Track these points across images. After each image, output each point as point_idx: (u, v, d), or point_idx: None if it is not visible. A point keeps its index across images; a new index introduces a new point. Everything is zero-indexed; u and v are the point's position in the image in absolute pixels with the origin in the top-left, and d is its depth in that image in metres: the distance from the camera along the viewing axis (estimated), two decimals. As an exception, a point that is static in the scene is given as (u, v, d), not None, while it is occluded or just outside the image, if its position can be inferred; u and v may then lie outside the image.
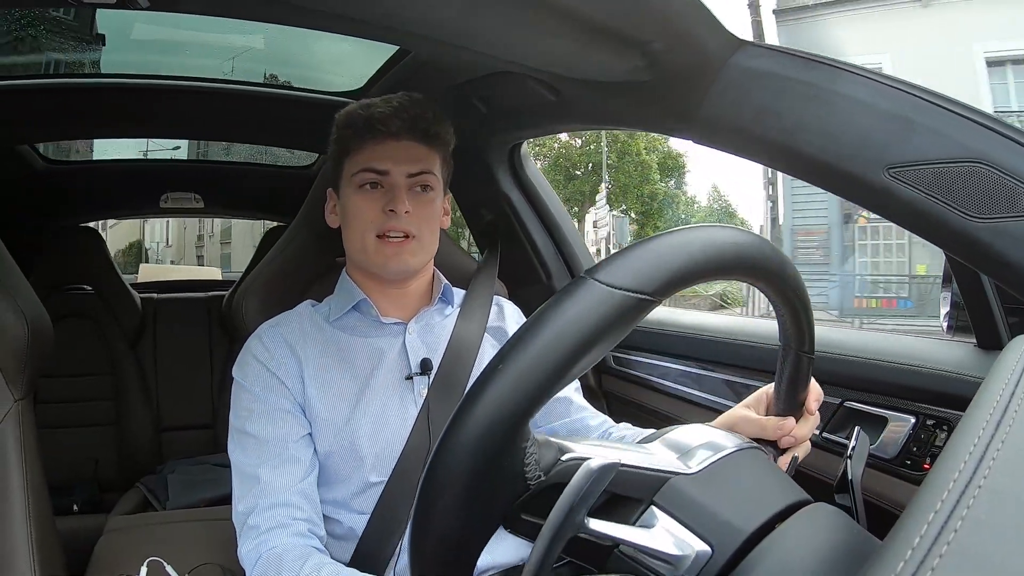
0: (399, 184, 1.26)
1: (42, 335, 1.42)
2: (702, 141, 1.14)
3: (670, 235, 0.63)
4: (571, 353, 0.57)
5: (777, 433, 0.96)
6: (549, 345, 0.57)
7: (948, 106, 0.89)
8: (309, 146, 2.58)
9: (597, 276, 0.58)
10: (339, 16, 1.13)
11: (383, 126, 1.26)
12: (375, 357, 1.29)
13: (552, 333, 0.57)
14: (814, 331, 0.83)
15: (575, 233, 2.09)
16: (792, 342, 0.83)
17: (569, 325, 0.57)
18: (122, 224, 18.54)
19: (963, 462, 0.45)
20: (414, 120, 1.27)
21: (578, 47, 1.11)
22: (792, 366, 0.87)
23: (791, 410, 0.95)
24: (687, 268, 0.61)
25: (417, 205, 1.27)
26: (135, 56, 2.03)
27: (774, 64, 1.00)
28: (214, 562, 1.62)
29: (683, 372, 1.72)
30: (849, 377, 1.31)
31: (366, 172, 1.26)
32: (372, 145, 1.27)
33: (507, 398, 0.56)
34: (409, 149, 1.27)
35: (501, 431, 0.56)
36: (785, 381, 0.90)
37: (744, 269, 0.69)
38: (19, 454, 1.37)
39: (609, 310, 0.57)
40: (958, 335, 1.28)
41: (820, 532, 0.62)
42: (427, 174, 1.29)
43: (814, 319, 0.82)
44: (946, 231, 0.88)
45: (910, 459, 1.21)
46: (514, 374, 0.56)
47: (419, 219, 1.27)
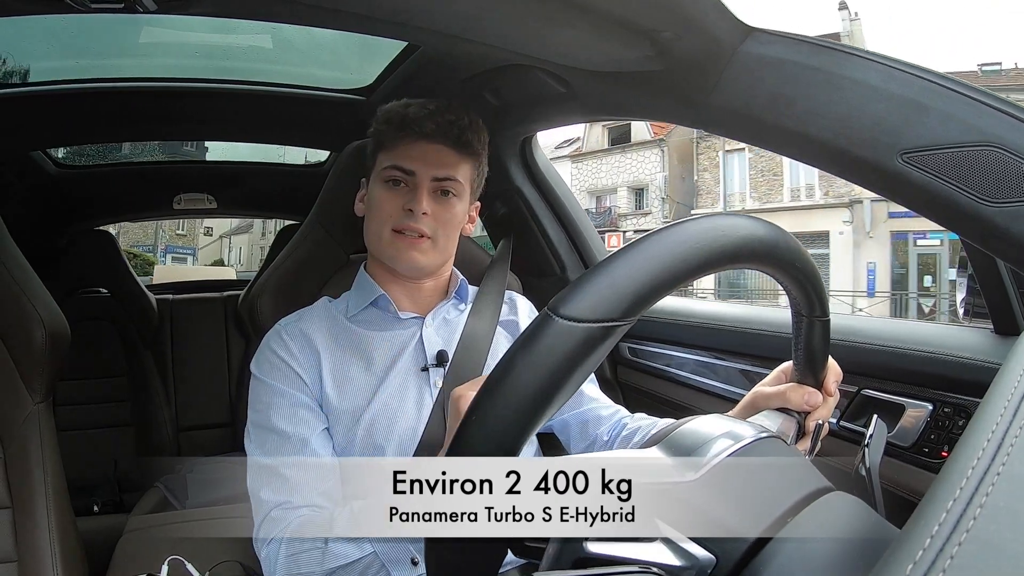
0: (423, 185, 1.28)
1: (59, 338, 1.43)
2: (714, 129, 1.14)
3: (629, 251, 0.61)
4: (543, 395, 0.57)
5: (800, 399, 0.94)
6: (520, 392, 0.57)
7: (961, 90, 0.88)
8: (321, 144, 2.58)
9: (560, 311, 0.57)
10: (348, 14, 1.13)
11: (417, 126, 1.28)
12: (393, 350, 1.31)
13: (522, 380, 0.57)
14: (823, 292, 0.80)
15: (588, 225, 2.09)
16: (802, 308, 0.82)
17: (536, 369, 0.56)
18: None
19: (981, 449, 0.44)
20: (448, 125, 1.29)
21: (588, 38, 1.10)
22: (805, 332, 0.85)
23: (810, 377, 0.94)
24: (652, 284, 0.60)
25: (437, 208, 1.29)
26: (144, 60, 2.03)
27: (785, 50, 1.00)
28: (234, 560, 1.63)
29: (698, 361, 1.72)
30: (866, 365, 1.30)
31: (393, 169, 1.29)
32: (404, 144, 1.30)
33: (484, 448, 0.57)
34: (439, 152, 1.30)
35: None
36: (802, 348, 0.88)
37: (717, 263, 0.65)
38: (39, 456, 1.39)
39: (576, 345, 0.57)
40: (975, 321, 1.27)
41: (838, 521, 0.62)
42: (452, 180, 1.31)
43: (821, 280, 0.80)
44: (961, 216, 0.87)
45: (928, 447, 1.20)
46: (491, 423, 0.57)
47: (437, 221, 1.30)
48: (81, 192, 2.88)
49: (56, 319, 1.45)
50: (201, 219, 25.71)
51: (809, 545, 0.58)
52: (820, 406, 0.95)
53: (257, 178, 2.98)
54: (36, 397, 1.40)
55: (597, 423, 1.35)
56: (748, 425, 0.73)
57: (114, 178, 2.95)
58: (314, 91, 2.12)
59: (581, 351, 0.57)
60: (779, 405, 0.96)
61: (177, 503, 2.42)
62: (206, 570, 1.50)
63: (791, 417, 0.95)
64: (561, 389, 0.57)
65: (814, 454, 0.94)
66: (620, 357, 1.95)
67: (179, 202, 3.02)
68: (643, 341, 1.88)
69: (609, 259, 0.60)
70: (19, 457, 1.37)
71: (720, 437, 0.68)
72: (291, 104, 2.12)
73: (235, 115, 2.19)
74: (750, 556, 0.58)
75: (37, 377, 1.40)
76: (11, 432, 1.37)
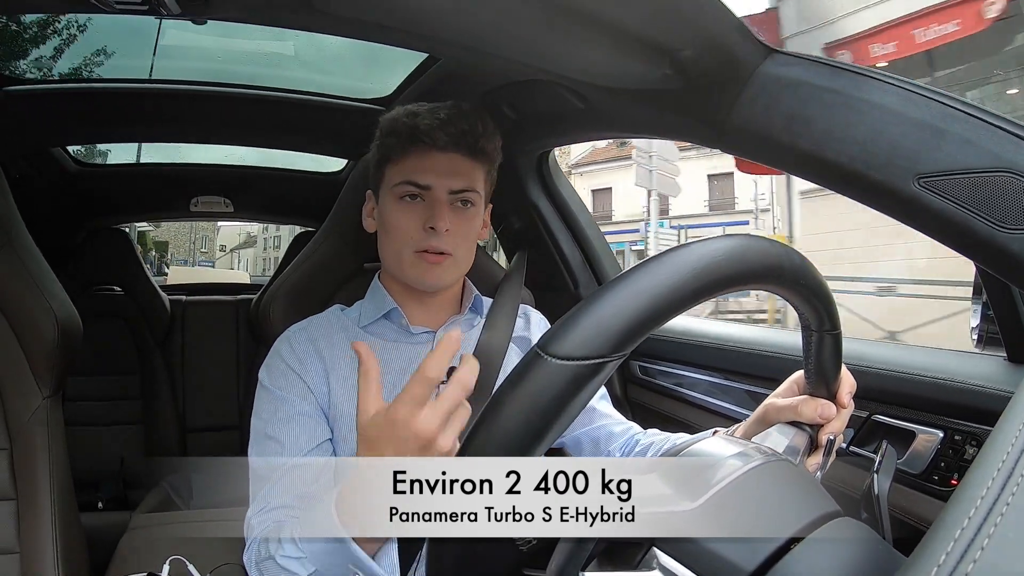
0: (441, 199, 1.24)
1: (71, 334, 1.44)
2: (731, 150, 1.13)
3: (618, 284, 0.60)
4: (534, 434, 0.57)
5: (812, 413, 0.93)
6: (510, 433, 0.57)
7: (979, 115, 0.87)
8: (338, 152, 2.60)
9: (549, 350, 0.57)
10: (369, 23, 1.14)
11: (428, 138, 1.23)
12: (403, 364, 1.29)
13: (512, 422, 0.57)
14: (832, 306, 0.79)
15: (603, 241, 2.09)
16: (811, 323, 0.81)
17: (525, 410, 0.56)
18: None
19: (991, 478, 0.44)
20: (462, 134, 1.24)
21: (608, 55, 1.11)
22: (815, 347, 0.84)
23: (823, 390, 0.93)
24: (641, 318, 0.58)
25: (458, 221, 1.25)
26: (165, 61, 2.05)
27: (804, 72, 1.00)
28: (236, 562, 1.63)
29: (708, 382, 1.71)
30: (877, 390, 1.29)
31: (408, 185, 1.24)
32: (415, 156, 1.25)
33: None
34: (454, 163, 1.25)
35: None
36: (813, 362, 0.88)
37: (713, 289, 0.63)
38: (46, 450, 1.40)
39: (566, 384, 0.56)
40: (988, 348, 1.26)
41: (844, 547, 0.61)
42: (470, 191, 1.26)
43: (829, 293, 0.78)
44: (977, 242, 0.87)
45: (937, 474, 1.19)
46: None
47: (458, 236, 1.25)
48: (99, 190, 2.90)
49: (69, 314, 1.46)
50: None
51: (814, 571, 0.58)
52: (833, 419, 0.94)
53: (274, 183, 3.00)
54: (46, 391, 1.41)
55: (609, 440, 1.34)
56: (754, 448, 0.72)
57: (132, 178, 2.98)
58: (333, 99, 2.13)
59: (571, 389, 0.56)
60: (791, 419, 0.95)
61: (181, 502, 2.43)
62: (207, 571, 1.50)
63: (803, 431, 0.94)
64: (551, 428, 0.57)
65: (827, 469, 0.93)
66: (630, 375, 1.95)
67: (196, 204, 3.05)
68: (653, 360, 1.88)
69: (598, 292, 0.59)
70: (26, 449, 1.38)
71: (705, 474, 0.66)
72: (310, 111, 2.13)
73: (253, 120, 2.20)
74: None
75: (48, 371, 1.41)
76: (19, 424, 1.38)
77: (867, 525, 0.66)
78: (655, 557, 0.60)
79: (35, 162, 2.53)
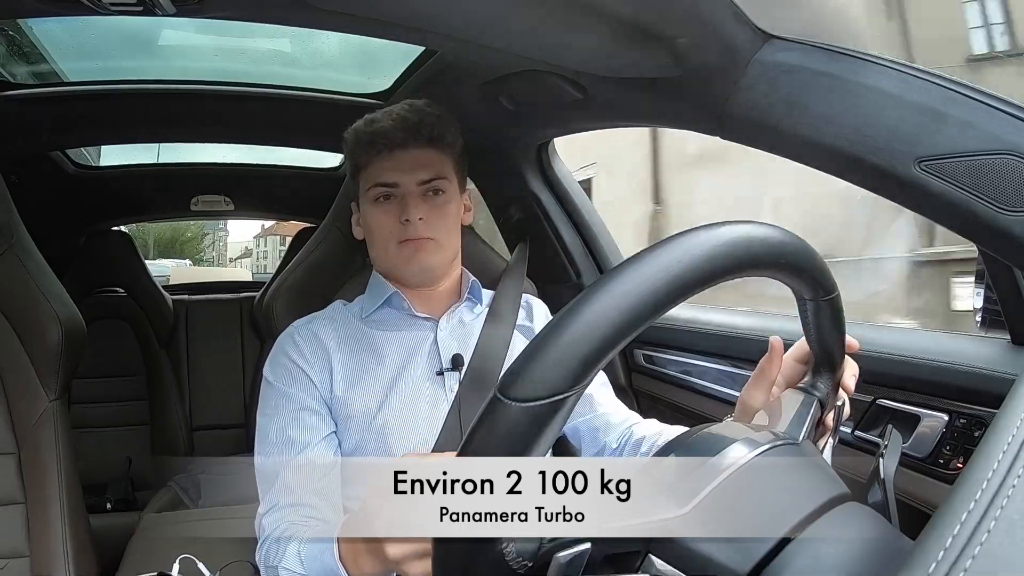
0: (412, 192, 1.27)
1: (75, 337, 1.45)
2: (730, 137, 1.13)
3: (572, 312, 0.56)
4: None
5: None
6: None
7: (979, 97, 0.87)
8: (338, 148, 2.59)
9: (508, 394, 0.55)
10: (365, 18, 1.14)
11: (387, 139, 1.27)
12: (407, 351, 1.30)
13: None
14: (823, 270, 0.73)
15: (604, 231, 2.08)
16: (803, 293, 0.77)
17: (494, 455, 0.56)
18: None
19: (996, 461, 0.44)
20: (417, 128, 1.28)
21: (606, 44, 1.10)
22: (813, 316, 0.80)
23: (827, 366, 0.87)
24: (600, 344, 0.56)
25: (431, 210, 1.28)
26: (162, 62, 2.05)
27: (802, 58, 0.99)
28: (245, 560, 1.63)
29: (712, 369, 1.71)
30: (881, 374, 1.28)
31: (378, 187, 1.29)
32: (381, 159, 1.29)
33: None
34: (417, 157, 1.28)
35: (461, 549, 0.58)
36: (813, 335, 0.83)
37: (681, 294, 0.58)
38: (54, 453, 1.40)
39: (529, 426, 0.55)
40: (991, 331, 1.25)
41: (851, 531, 0.61)
42: (438, 179, 1.30)
43: (814, 258, 0.71)
44: (979, 225, 0.86)
45: (943, 458, 1.19)
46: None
47: (435, 223, 1.28)
48: (99, 192, 2.90)
49: (72, 317, 1.46)
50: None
51: (821, 555, 0.58)
52: (840, 375, 0.89)
53: (274, 180, 3.00)
54: (52, 394, 1.41)
55: (606, 430, 1.34)
56: (737, 445, 0.67)
57: (131, 179, 2.98)
58: (332, 95, 2.12)
59: (534, 430, 0.55)
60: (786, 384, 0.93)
61: (190, 502, 2.44)
62: (217, 569, 1.50)
63: (811, 394, 0.89)
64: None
65: (835, 439, 0.89)
66: (634, 363, 1.95)
67: (196, 203, 3.05)
68: (657, 348, 1.87)
69: (552, 324, 0.57)
70: (34, 453, 1.39)
71: (696, 475, 0.64)
72: (308, 108, 2.13)
73: (252, 118, 2.20)
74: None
75: (53, 374, 1.41)
76: (26, 428, 1.39)
77: (873, 510, 0.66)
78: (652, 564, 0.60)
79: (34, 166, 2.53)
